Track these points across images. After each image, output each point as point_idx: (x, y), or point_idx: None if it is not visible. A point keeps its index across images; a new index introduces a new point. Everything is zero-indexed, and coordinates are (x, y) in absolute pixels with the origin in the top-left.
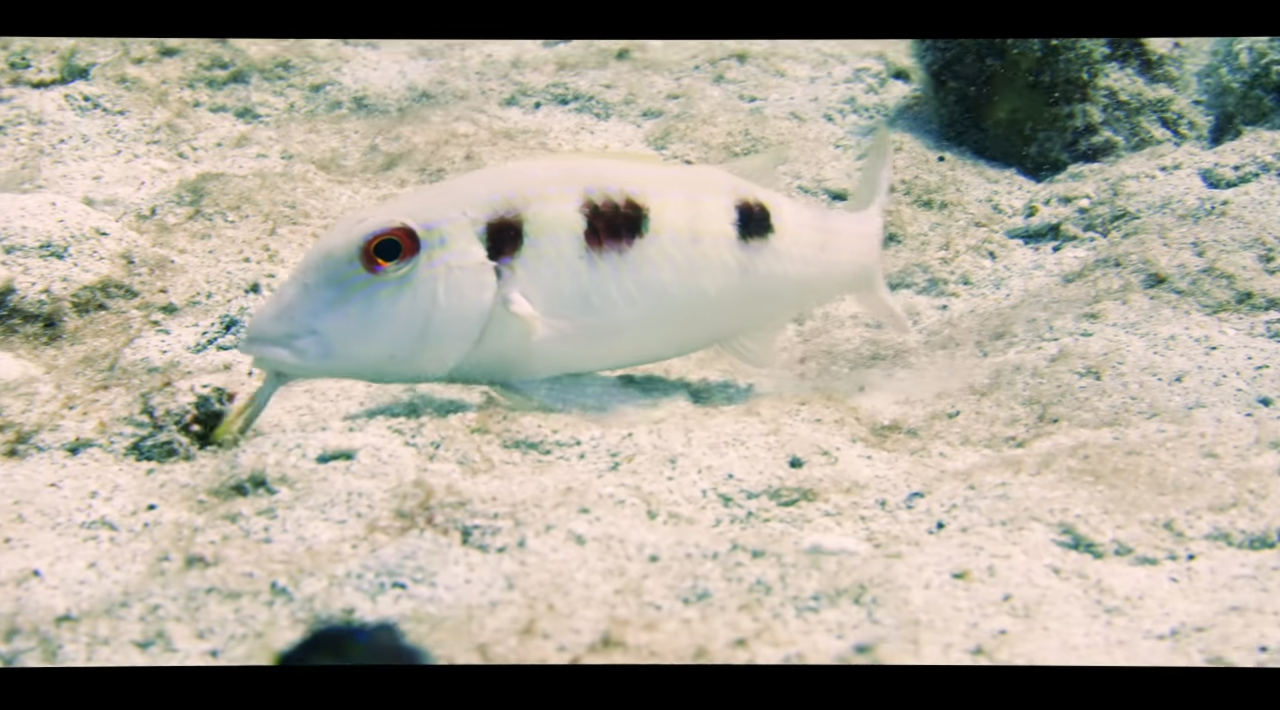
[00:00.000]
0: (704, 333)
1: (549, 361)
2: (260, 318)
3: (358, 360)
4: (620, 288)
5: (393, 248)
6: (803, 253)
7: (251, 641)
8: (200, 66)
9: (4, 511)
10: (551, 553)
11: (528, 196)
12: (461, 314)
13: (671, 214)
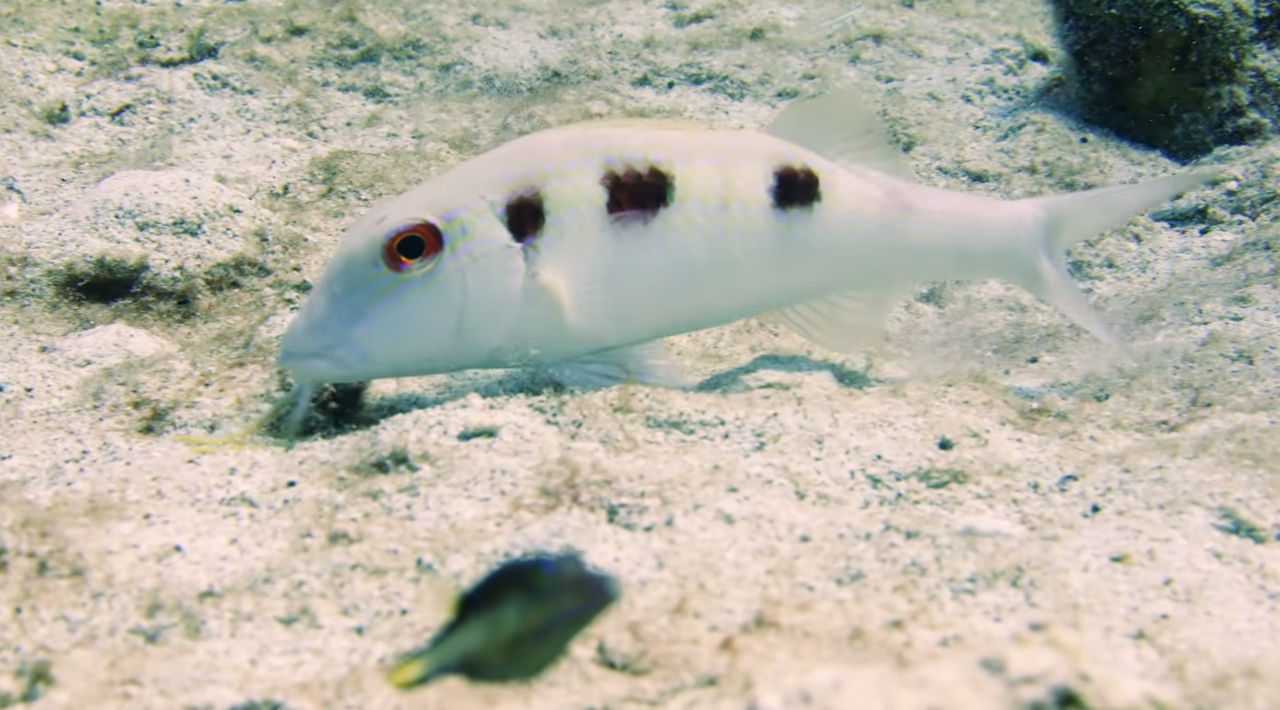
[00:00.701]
0: (742, 302)
1: (580, 338)
2: (293, 332)
3: (396, 360)
4: (647, 258)
5: (415, 244)
6: (862, 226)
7: (397, 619)
8: (329, 45)
9: (143, 488)
10: (700, 532)
11: (545, 172)
12: (493, 300)
13: (699, 181)
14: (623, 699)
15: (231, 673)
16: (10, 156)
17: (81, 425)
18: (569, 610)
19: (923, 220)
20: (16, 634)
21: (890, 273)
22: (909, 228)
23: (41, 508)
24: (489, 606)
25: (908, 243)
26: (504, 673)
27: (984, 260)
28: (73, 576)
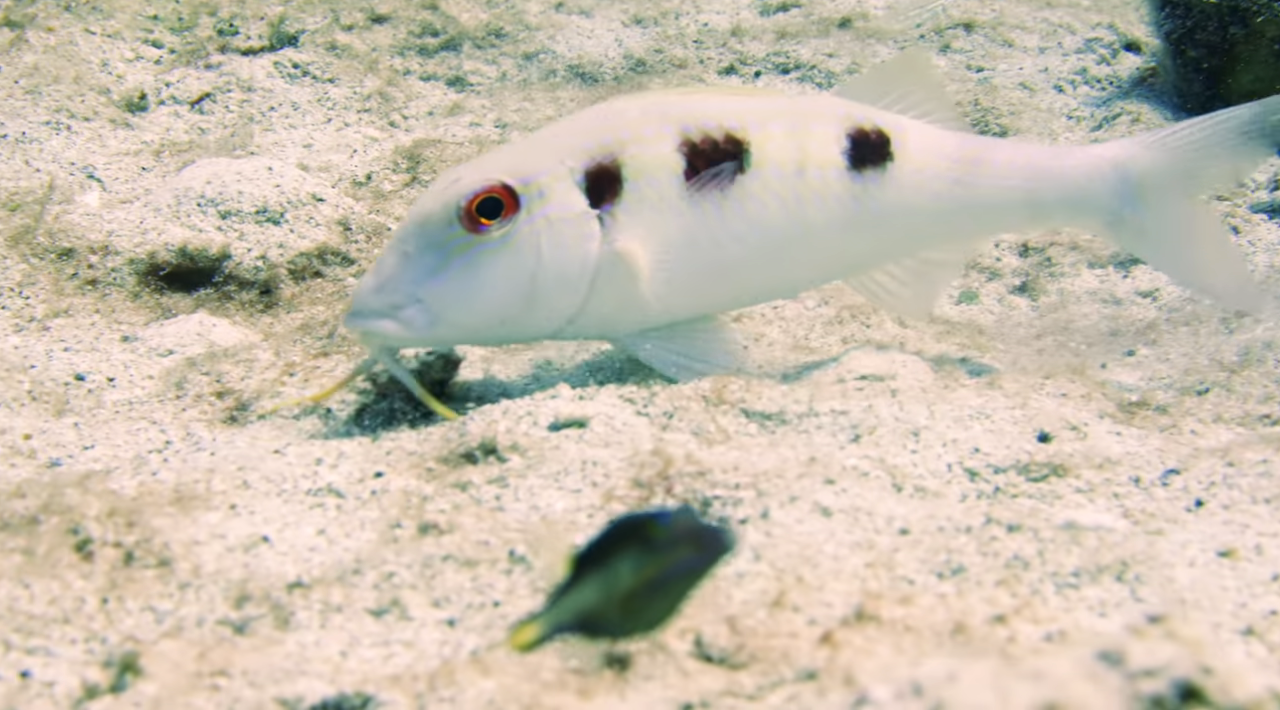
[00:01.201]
0: (818, 269)
1: (658, 308)
2: (362, 290)
3: (466, 325)
4: (725, 226)
5: (493, 206)
6: (932, 184)
7: (490, 611)
8: (411, 34)
9: (228, 477)
10: (797, 524)
11: (623, 140)
12: (568, 267)
13: (774, 147)
14: (720, 693)
15: (322, 664)
16: (90, 145)
17: (164, 415)
18: (685, 562)
19: (994, 172)
20: (103, 624)
21: (964, 228)
22: (981, 181)
23: (127, 498)
24: (604, 562)
25: (980, 196)
26: (621, 629)
27: (1058, 210)
28: (159, 567)
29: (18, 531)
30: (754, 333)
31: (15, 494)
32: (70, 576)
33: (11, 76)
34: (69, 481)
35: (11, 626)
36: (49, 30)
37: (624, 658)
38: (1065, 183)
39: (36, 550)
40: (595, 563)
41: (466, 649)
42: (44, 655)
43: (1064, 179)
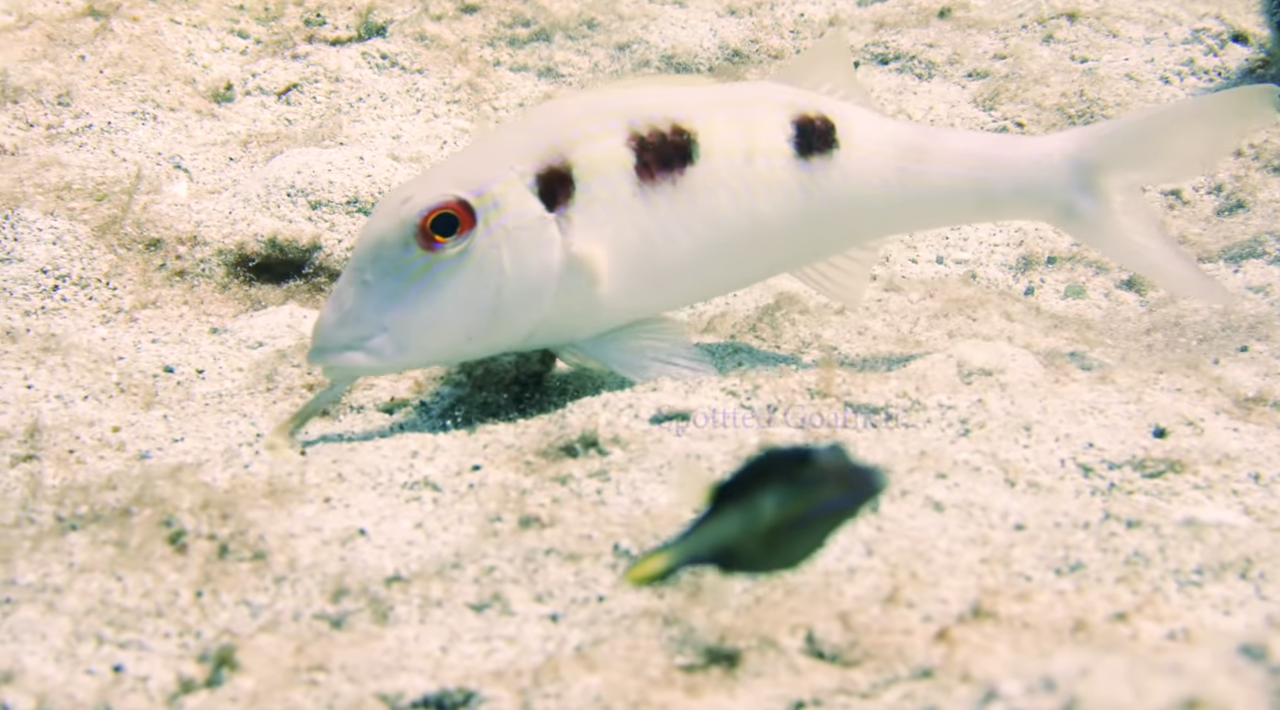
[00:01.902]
0: (767, 260)
1: (617, 310)
2: (324, 325)
3: (434, 347)
4: (678, 220)
5: (448, 222)
6: (880, 171)
7: (594, 606)
8: (501, 24)
9: (322, 470)
10: (908, 519)
11: (572, 139)
12: (532, 275)
13: (721, 135)
14: (833, 691)
15: (422, 660)
16: (176, 135)
17: (255, 408)
18: (832, 501)
19: (942, 161)
20: (197, 618)
21: (912, 218)
22: (928, 170)
23: (220, 490)
24: (747, 496)
25: (928, 185)
26: (760, 565)
27: (1007, 201)
28: (254, 560)
29: (109, 523)
30: (858, 325)
31: (106, 486)
32: (163, 569)
33: (96, 66)
34: (160, 474)
35: (104, 620)
36: (134, 20)
37: (733, 654)
38: (1016, 172)
39: (129, 542)
40: (736, 497)
41: (571, 644)
42: (137, 649)
43: (1014, 168)
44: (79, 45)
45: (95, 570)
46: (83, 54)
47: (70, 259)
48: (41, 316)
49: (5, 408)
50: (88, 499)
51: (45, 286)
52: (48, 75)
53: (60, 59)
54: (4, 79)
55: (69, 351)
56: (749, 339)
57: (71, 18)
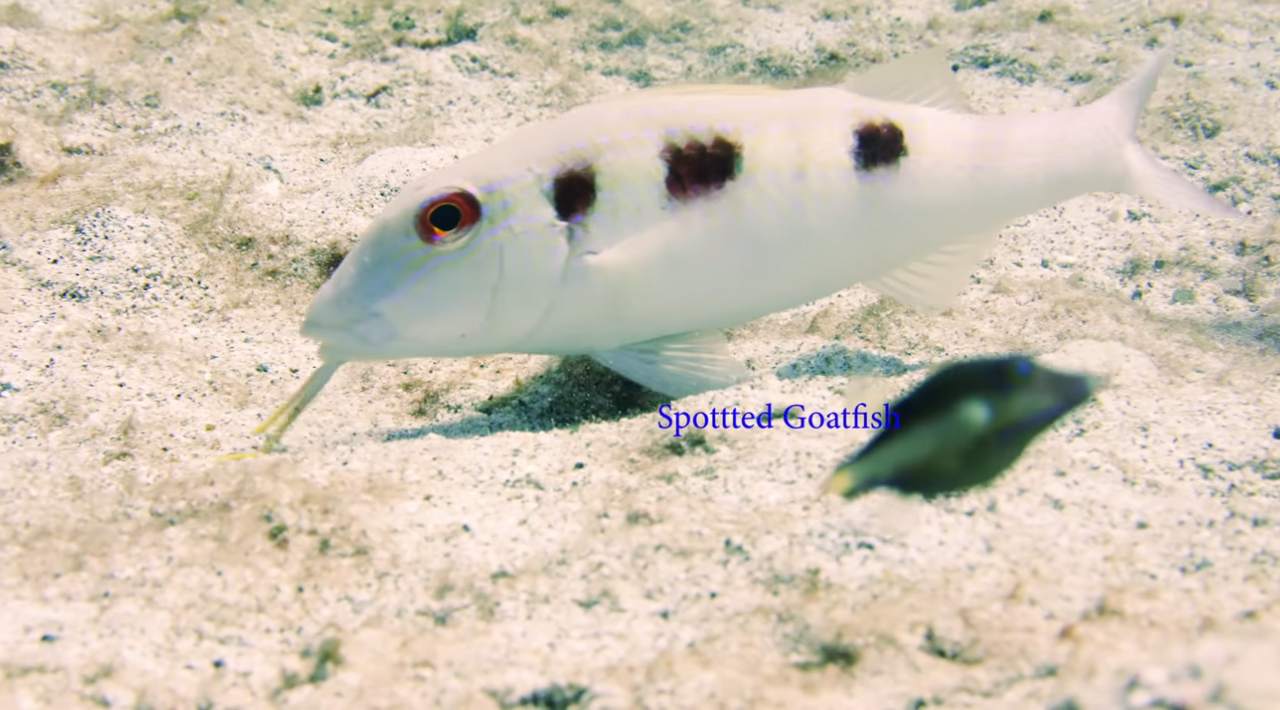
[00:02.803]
0: (822, 277)
1: (637, 324)
2: (319, 300)
3: (424, 340)
4: (714, 237)
5: (451, 215)
6: (953, 175)
7: (706, 602)
8: (593, 27)
9: (423, 468)
10: (1027, 517)
11: (599, 145)
12: (530, 281)
13: (770, 149)
14: (954, 689)
15: (530, 656)
16: (265, 136)
17: (351, 408)
18: (1047, 409)
19: (1016, 152)
20: (299, 614)
21: (985, 216)
22: (1003, 165)
23: (320, 486)
24: (942, 410)
25: (1003, 181)
26: (957, 481)
27: (1076, 178)
28: (356, 555)
29: (208, 519)
30: (966, 327)
31: (204, 482)
32: (264, 564)
33: (184, 68)
34: (258, 469)
35: (204, 615)
36: (221, 23)
37: (850, 652)
38: (1083, 147)
39: (228, 537)
40: (920, 412)
41: (683, 642)
42: (238, 645)
43: (1083, 143)
44: (166, 47)
45: (195, 565)
46: (170, 56)
47: (161, 257)
48: (133, 315)
49: (98, 405)
50: (185, 494)
51: (136, 285)
52: (135, 77)
53: (147, 61)
54: (91, 81)
55: (161, 350)
56: (853, 339)
57: (158, 20)
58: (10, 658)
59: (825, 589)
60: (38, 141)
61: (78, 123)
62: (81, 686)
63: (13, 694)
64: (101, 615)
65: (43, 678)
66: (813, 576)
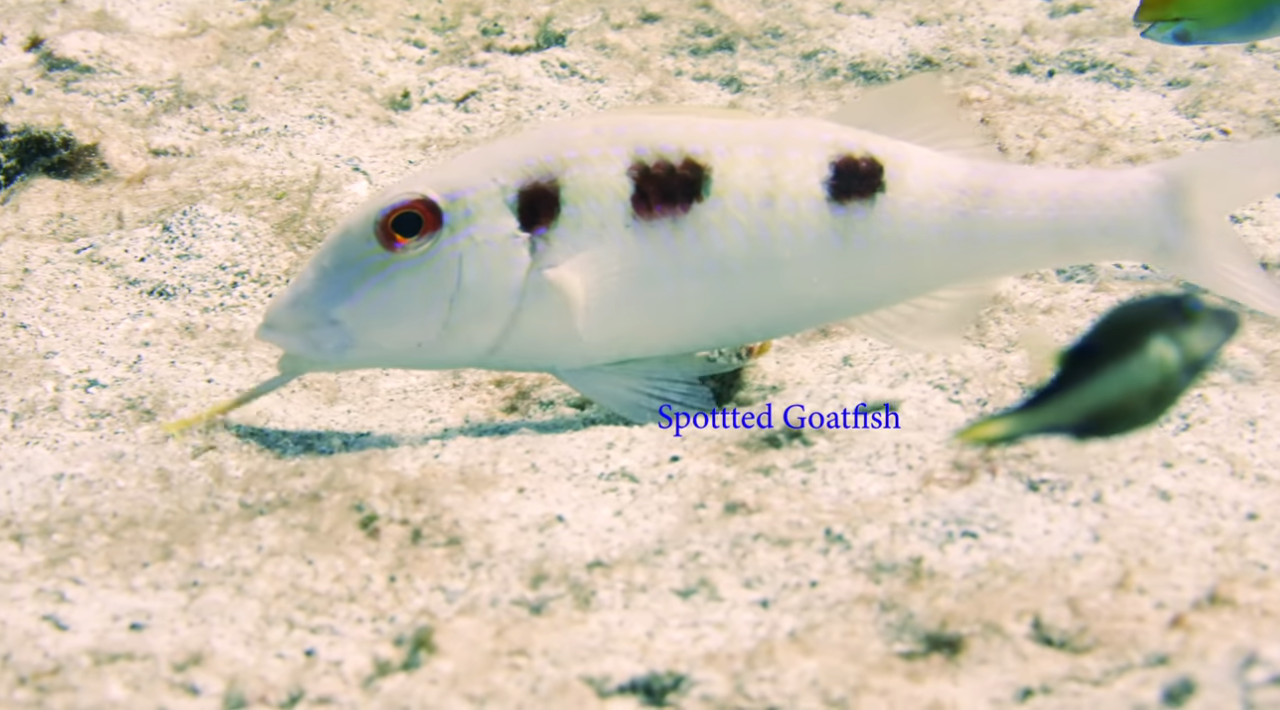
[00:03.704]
0: (793, 309)
1: (598, 345)
2: (276, 304)
3: (381, 349)
4: (679, 259)
5: (413, 222)
6: (934, 217)
7: (806, 591)
8: (683, 33)
9: (516, 460)
10: (1134, 508)
11: (566, 159)
12: (488, 292)
13: (741, 173)
14: (1063, 678)
15: (628, 644)
16: (354, 139)
17: (441, 404)
18: (1218, 343)
19: (1009, 204)
20: (391, 603)
21: (975, 266)
22: (993, 214)
23: (411, 478)
24: (1123, 351)
25: (992, 231)
26: (1141, 419)
27: (1091, 242)
28: (449, 545)
29: (298, 509)
30: (1067, 325)
31: (294, 473)
32: (356, 554)
33: (271, 72)
34: (349, 462)
35: (295, 604)
36: (308, 28)
37: (955, 641)
38: (1100, 211)
39: (319, 527)
40: (1103, 353)
41: (783, 630)
42: (329, 634)
43: (1096, 209)
44: (253, 53)
45: (285, 554)
46: (257, 61)
47: (249, 255)
48: (221, 313)
49: (186, 401)
50: (275, 486)
51: (224, 283)
52: (222, 81)
53: (235, 65)
54: (179, 85)
55: (249, 347)
56: None
57: (245, 27)
58: (98, 646)
59: (929, 577)
60: (124, 143)
61: (165, 125)
62: (170, 674)
63: (101, 681)
64: (190, 604)
65: (131, 665)
66: (916, 565)
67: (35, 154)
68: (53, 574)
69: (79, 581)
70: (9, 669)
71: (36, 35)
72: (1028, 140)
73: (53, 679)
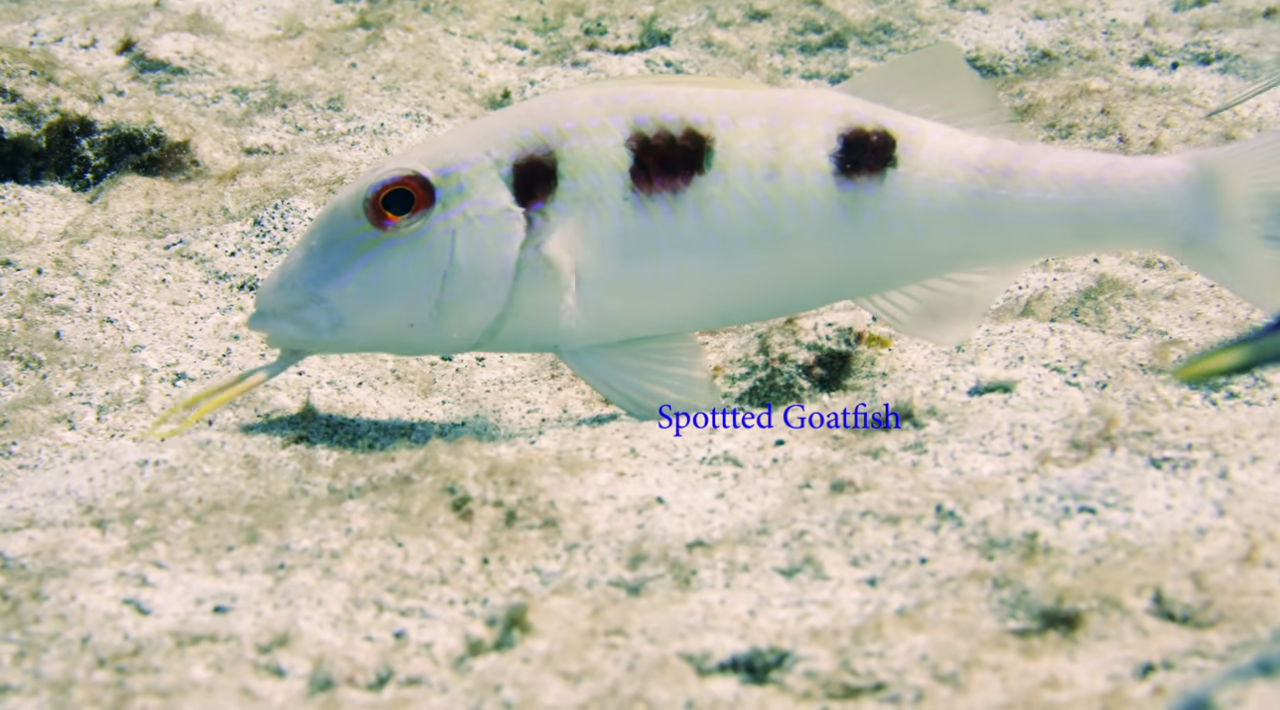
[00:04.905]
0: (798, 287)
1: (598, 324)
2: (265, 288)
3: (372, 330)
4: (678, 234)
5: (404, 199)
6: (947, 195)
7: (915, 568)
8: (792, 30)
9: (615, 446)
10: (1261, 484)
11: (564, 131)
12: (484, 271)
13: (744, 145)
14: (1185, 653)
15: (730, 622)
16: None
17: (539, 395)
18: None
19: (1028, 185)
20: (484, 585)
21: (991, 249)
22: (1010, 195)
23: (506, 462)
24: None
25: (1008, 213)
26: None
27: (1114, 230)
28: (544, 527)
29: (388, 492)
30: (1190, 310)
31: (385, 458)
32: (447, 536)
33: (368, 73)
34: (442, 448)
35: (384, 586)
36: (407, 30)
37: (1072, 617)
38: (1123, 197)
39: (410, 509)
40: None
41: (891, 608)
42: (419, 616)
43: (1121, 193)
44: (350, 54)
45: (374, 537)
46: (354, 62)
47: None
48: None
49: (275, 393)
50: (365, 470)
51: None
52: (318, 81)
53: (331, 66)
54: (273, 85)
55: None
56: (1069, 323)
57: (342, 29)
58: (181, 628)
59: (1044, 553)
60: (216, 141)
61: (258, 125)
62: (255, 655)
63: (183, 662)
64: (277, 586)
65: (214, 647)
66: (1030, 541)
67: (125, 151)
68: (135, 558)
69: (162, 566)
70: (88, 651)
71: (129, 38)
72: (1150, 130)
73: (132, 660)
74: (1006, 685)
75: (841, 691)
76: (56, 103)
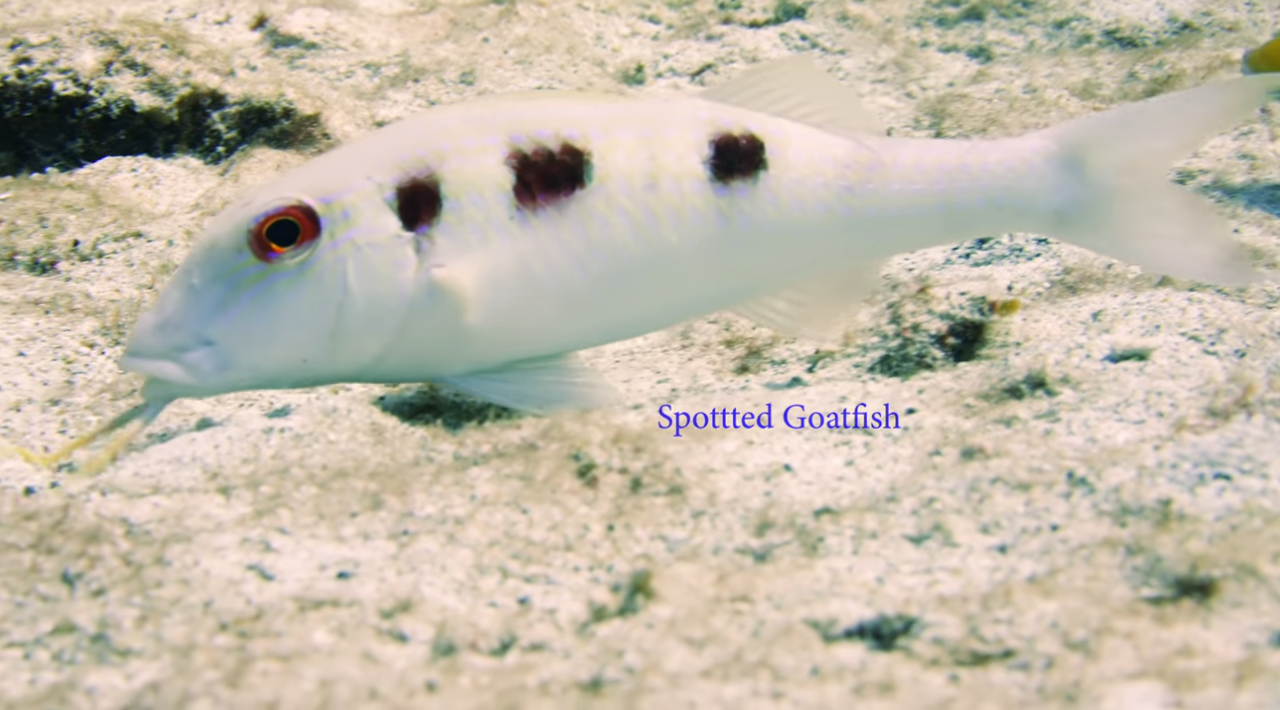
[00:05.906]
0: (682, 297)
1: (487, 345)
2: (141, 327)
3: (262, 368)
4: (567, 249)
5: (289, 230)
6: (818, 193)
7: (1046, 535)
8: (929, 4)
9: (744, 414)
10: None
11: (442, 151)
12: (377, 298)
13: (621, 156)
14: None
15: (857, 589)
16: None
17: (669, 365)
18: None
19: (894, 177)
20: (609, 552)
21: (865, 244)
22: (879, 188)
23: (633, 429)
24: None
25: (879, 207)
26: None
27: (981, 214)
28: (670, 494)
29: (513, 459)
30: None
31: (511, 426)
32: (572, 503)
33: (500, 47)
34: (568, 415)
35: (509, 552)
36: (541, 4)
37: (1207, 584)
38: (986, 183)
39: (534, 476)
40: None
41: (1022, 575)
42: (544, 582)
43: (984, 179)
44: (482, 29)
45: (499, 503)
46: (486, 37)
47: None
48: None
49: None
50: (490, 438)
51: None
52: (450, 56)
53: (463, 41)
54: (405, 60)
55: None
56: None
57: (474, 4)
58: (304, 593)
59: (1178, 520)
60: (348, 114)
61: (390, 98)
62: (378, 621)
63: (305, 626)
64: (400, 552)
65: (336, 611)
66: (1164, 508)
67: (256, 124)
68: (259, 524)
69: (285, 531)
70: (210, 615)
71: (262, 14)
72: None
73: (254, 624)
74: (1139, 653)
75: (970, 658)
76: (188, 76)
